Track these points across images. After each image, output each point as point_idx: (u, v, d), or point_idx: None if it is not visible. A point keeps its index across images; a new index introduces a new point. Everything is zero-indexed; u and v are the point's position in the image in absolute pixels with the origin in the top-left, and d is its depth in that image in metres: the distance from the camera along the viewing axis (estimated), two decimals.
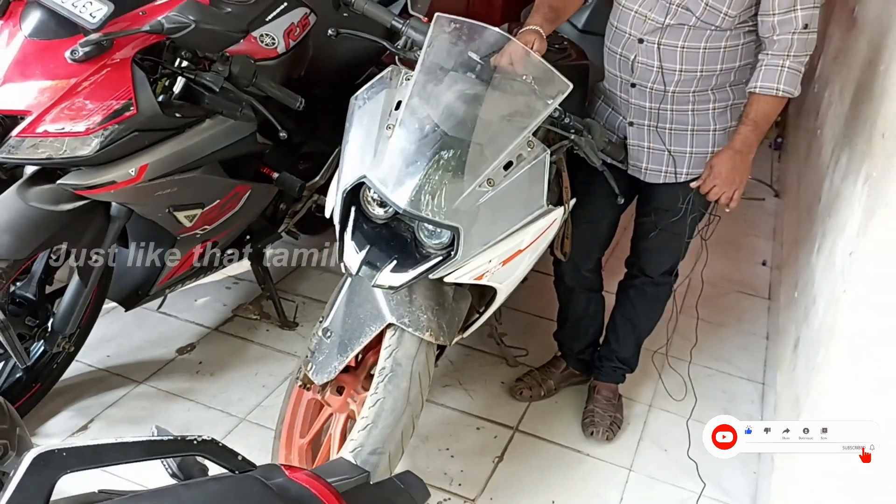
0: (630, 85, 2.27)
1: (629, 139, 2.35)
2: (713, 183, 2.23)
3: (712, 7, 2.11)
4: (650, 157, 2.35)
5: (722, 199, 2.26)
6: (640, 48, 2.20)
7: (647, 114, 2.29)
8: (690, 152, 2.32)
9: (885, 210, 1.81)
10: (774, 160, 5.12)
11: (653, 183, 2.40)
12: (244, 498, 0.91)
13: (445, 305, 2.05)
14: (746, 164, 2.23)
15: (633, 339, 2.72)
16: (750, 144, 2.21)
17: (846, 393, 1.77)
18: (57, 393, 2.51)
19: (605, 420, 2.66)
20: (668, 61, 2.19)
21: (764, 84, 2.13)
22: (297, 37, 2.50)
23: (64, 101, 1.90)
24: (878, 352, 1.58)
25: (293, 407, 2.28)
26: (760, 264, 3.94)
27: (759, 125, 2.19)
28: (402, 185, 1.82)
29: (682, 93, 2.24)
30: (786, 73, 2.12)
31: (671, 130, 2.30)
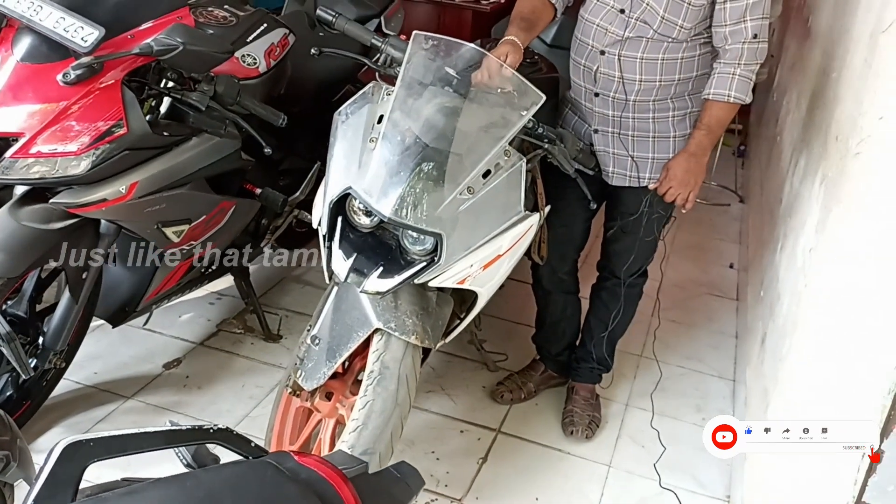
0: (594, 94, 2.39)
1: (595, 146, 2.46)
2: (669, 185, 2.36)
3: (668, 20, 2.24)
4: (615, 162, 2.46)
5: (678, 200, 2.38)
6: (601, 59, 2.32)
7: (610, 121, 2.40)
8: (652, 157, 2.43)
9: (840, 207, 1.93)
10: (738, 167, 5.28)
11: (619, 187, 2.51)
12: (259, 480, 0.98)
13: (429, 310, 2.13)
14: (701, 166, 2.36)
15: (607, 340, 2.82)
16: (704, 148, 2.34)
17: (810, 380, 1.88)
18: (47, 410, 2.55)
19: (584, 419, 2.75)
20: (629, 72, 2.30)
21: (717, 91, 2.27)
22: (278, 56, 2.58)
23: (56, 122, 1.97)
24: (837, 340, 1.69)
25: (282, 415, 2.33)
26: (728, 267, 4.07)
27: (712, 129, 2.32)
28: (387, 194, 1.91)
29: (642, 101, 2.35)
30: (737, 80, 2.26)
31: (633, 137, 2.41)
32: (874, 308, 1.39)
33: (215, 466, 1.01)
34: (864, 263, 1.57)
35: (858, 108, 1.94)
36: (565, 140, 2.21)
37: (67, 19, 1.96)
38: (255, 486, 0.98)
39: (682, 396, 3.02)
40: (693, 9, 2.22)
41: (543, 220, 2.36)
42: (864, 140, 1.80)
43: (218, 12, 2.48)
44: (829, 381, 1.66)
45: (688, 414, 2.92)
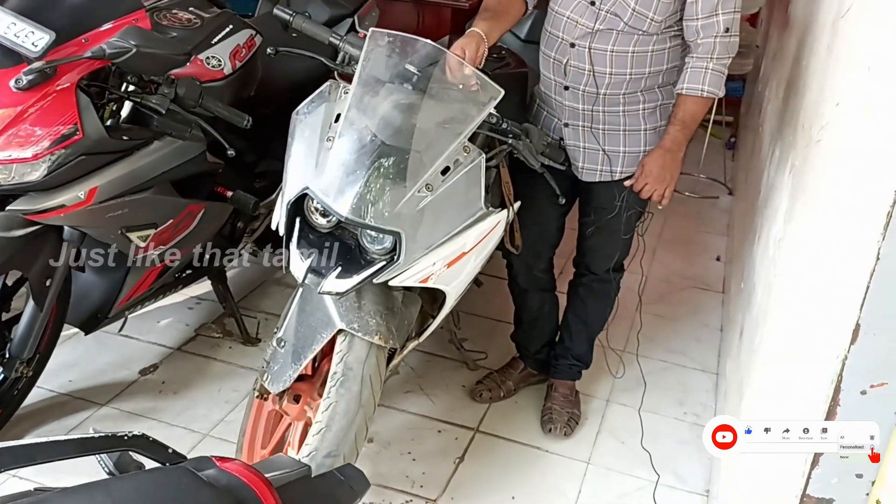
0: (563, 88, 2.37)
1: (565, 140, 2.43)
2: (645, 181, 2.34)
3: (639, 13, 2.21)
4: (585, 157, 2.44)
5: (654, 196, 2.36)
6: (572, 52, 2.30)
7: (580, 115, 2.38)
8: (624, 151, 2.41)
9: (804, 196, 1.90)
10: (728, 159, 5.24)
11: (590, 182, 2.48)
12: (173, 487, 0.96)
13: (395, 310, 2.11)
14: (676, 161, 2.34)
15: (585, 336, 2.80)
16: (679, 143, 2.32)
17: (777, 373, 1.85)
18: (19, 419, 2.53)
19: (563, 416, 2.72)
20: (599, 65, 2.29)
21: (690, 85, 2.26)
22: (244, 58, 2.56)
23: (10, 128, 1.95)
24: (797, 331, 1.66)
25: (254, 419, 2.31)
26: (715, 260, 4.04)
27: (686, 125, 2.30)
28: (344, 194, 1.89)
29: (612, 95, 2.33)
30: (710, 74, 2.24)
31: (604, 131, 2.39)
32: (822, 298, 1.37)
33: (130, 474, 0.99)
34: (819, 253, 1.54)
35: (821, 95, 1.92)
36: (531, 135, 2.19)
37: (18, 24, 1.94)
38: (167, 493, 0.96)
39: (665, 390, 3.00)
40: (664, 2, 2.20)
41: (514, 214, 2.34)
42: (823, 127, 1.78)
43: (182, 14, 2.47)
44: (793, 374, 1.64)
45: (670, 408, 2.90)
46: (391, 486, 2.44)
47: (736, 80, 5.55)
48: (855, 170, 1.32)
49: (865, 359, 1.11)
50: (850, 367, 1.12)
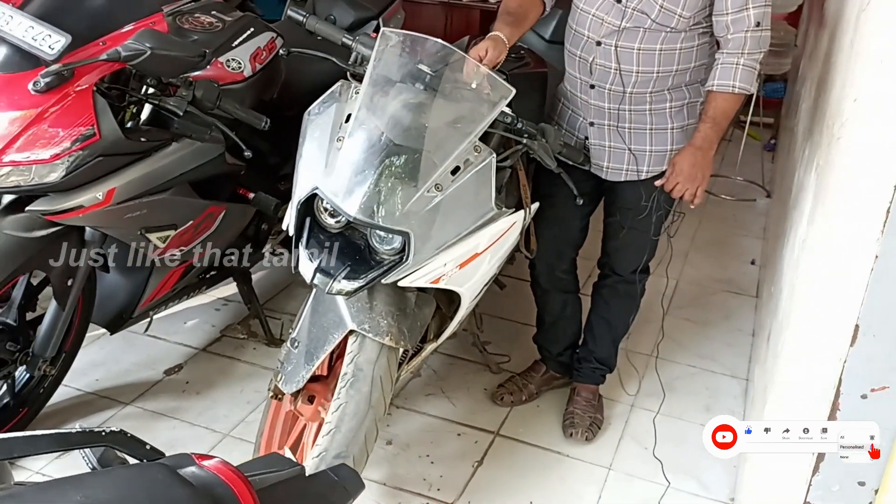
0: (589, 86, 2.34)
1: (590, 139, 2.40)
2: (676, 180, 2.28)
3: (667, 9, 2.17)
4: (611, 156, 2.40)
5: (686, 195, 2.30)
6: (598, 50, 2.26)
7: (606, 114, 2.35)
8: (650, 150, 2.37)
9: (826, 196, 1.84)
10: (768, 161, 5.13)
11: (616, 182, 2.44)
12: (148, 483, 0.95)
13: (407, 311, 2.10)
14: (708, 160, 2.29)
15: (609, 339, 2.75)
16: (710, 141, 2.26)
17: (797, 378, 1.79)
18: (45, 417, 2.57)
19: (585, 421, 2.68)
20: (626, 63, 2.25)
21: (720, 82, 2.21)
22: (264, 60, 2.57)
23: (28, 130, 1.98)
24: (811, 332, 1.61)
25: (271, 420, 2.32)
26: (750, 263, 3.95)
27: (717, 122, 2.25)
28: (352, 194, 1.88)
29: (639, 93, 2.29)
30: (741, 70, 2.19)
31: (630, 129, 2.36)
32: (827, 298, 1.32)
33: (105, 470, 0.99)
34: (831, 253, 1.49)
35: (842, 91, 1.86)
36: (547, 135, 2.16)
37: (36, 28, 1.97)
38: (141, 489, 0.95)
39: (692, 396, 2.94)
40: None
41: (531, 216, 2.32)
42: (843, 124, 1.72)
43: (204, 18, 2.48)
44: (804, 377, 1.59)
45: (696, 414, 2.83)
46: (408, 489, 2.43)
47: (777, 81, 5.45)
48: (860, 166, 1.27)
49: (865, 361, 1.06)
50: (849, 369, 1.07)
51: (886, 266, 1.00)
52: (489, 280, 2.35)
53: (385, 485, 2.44)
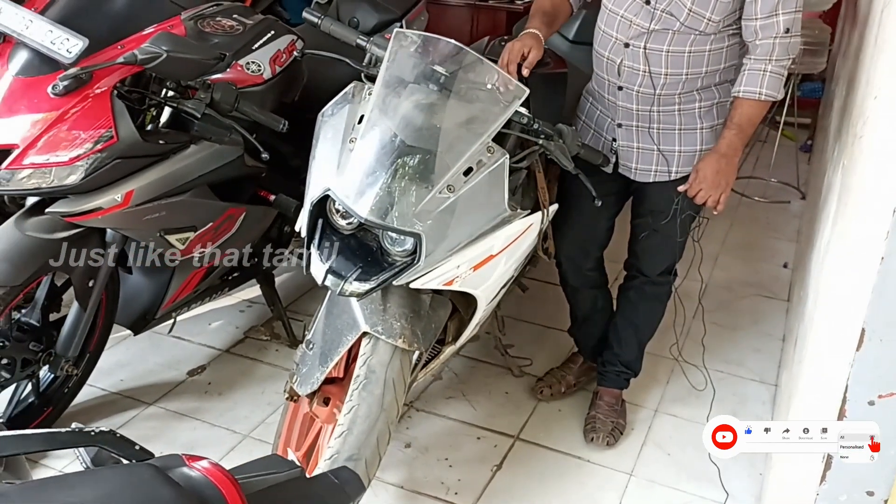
0: (617, 88, 2.31)
1: (618, 140, 2.39)
2: (699, 186, 2.26)
3: (696, 13, 2.14)
4: (639, 157, 2.38)
5: (709, 202, 2.27)
6: (626, 52, 2.24)
7: (634, 115, 2.33)
8: (679, 151, 2.35)
9: (848, 196, 1.79)
10: (804, 162, 5.03)
11: (644, 183, 2.42)
12: (134, 484, 0.95)
13: (421, 313, 2.08)
14: (732, 166, 2.26)
15: (635, 342, 2.72)
16: (734, 148, 2.23)
17: (814, 382, 1.75)
18: (69, 416, 2.60)
19: (607, 426, 2.65)
20: (655, 65, 2.23)
21: (747, 89, 2.18)
22: (284, 63, 2.58)
23: (48, 133, 2.01)
24: (828, 336, 1.56)
25: (289, 421, 2.32)
26: (782, 266, 3.88)
27: (743, 129, 2.22)
28: (364, 195, 1.87)
29: (668, 95, 2.27)
30: (768, 77, 2.15)
31: (659, 130, 2.34)
32: (840, 301, 1.28)
33: (92, 470, 0.99)
34: (849, 254, 1.45)
35: (866, 89, 1.81)
36: (564, 136, 2.13)
37: (55, 32, 2.00)
38: (127, 489, 0.95)
39: (718, 402, 2.87)
40: (722, 2, 2.12)
41: (549, 218, 2.29)
42: (865, 122, 1.67)
43: (225, 21, 2.50)
44: (822, 383, 1.54)
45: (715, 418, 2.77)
46: (425, 492, 2.41)
47: (815, 81, 5.35)
48: (874, 165, 1.23)
49: (872, 367, 1.02)
50: (855, 375, 1.04)
51: (892, 268, 0.96)
52: (507, 282, 2.33)
53: (402, 488, 2.43)
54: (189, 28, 2.31)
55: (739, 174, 4.71)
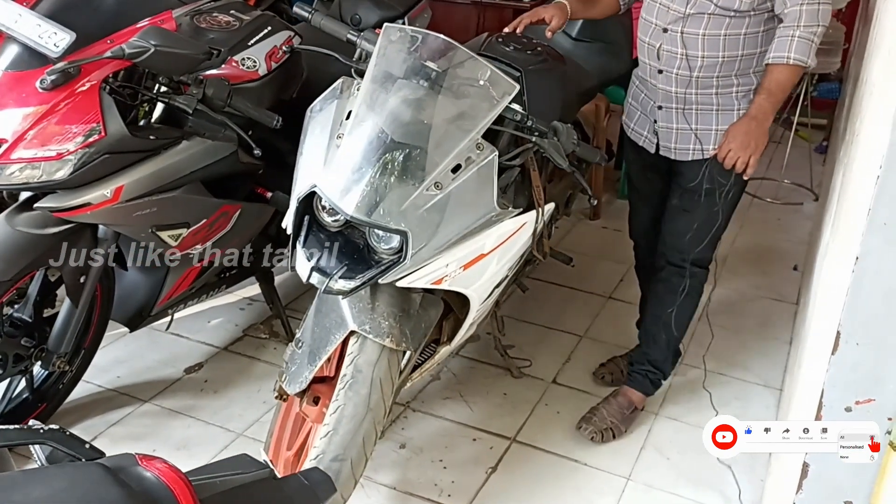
0: (657, 71, 2.40)
1: (658, 122, 2.46)
2: (728, 147, 2.26)
3: None
4: (678, 138, 2.45)
5: (738, 163, 2.27)
6: (664, 37, 2.33)
7: (673, 98, 2.40)
8: (716, 129, 2.38)
9: (845, 196, 1.75)
10: (817, 164, 4.95)
11: (681, 162, 2.46)
12: (82, 483, 0.93)
13: (411, 312, 2.06)
14: (762, 129, 2.26)
15: (664, 339, 2.68)
16: (765, 112, 2.25)
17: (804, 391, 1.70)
18: (64, 413, 2.60)
19: (604, 423, 2.62)
20: (692, 48, 2.30)
21: (776, 54, 2.20)
22: (280, 59, 2.56)
23: (36, 127, 2.00)
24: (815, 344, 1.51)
25: (282, 420, 2.30)
26: (792, 269, 3.81)
27: (772, 93, 2.24)
28: (350, 192, 1.85)
29: (706, 77, 2.33)
30: (796, 41, 2.16)
31: (697, 111, 2.39)
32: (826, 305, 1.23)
33: (39, 468, 0.97)
34: (838, 257, 1.40)
35: (864, 86, 1.76)
36: (559, 133, 2.09)
37: (43, 26, 2.00)
38: (74, 489, 0.93)
39: (721, 406, 2.83)
40: None
41: (544, 217, 2.26)
42: (861, 121, 1.63)
43: (222, 17, 2.48)
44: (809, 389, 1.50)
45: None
46: (417, 494, 2.38)
47: (832, 81, 5.26)
48: (858, 163, 1.18)
49: (849, 371, 0.98)
50: (830, 380, 0.99)
51: (867, 268, 0.92)
52: (502, 282, 2.29)
53: (395, 489, 2.40)
54: (183, 23, 2.30)
55: (752, 175, 4.71)
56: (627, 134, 2.61)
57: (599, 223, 4.18)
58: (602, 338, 3.17)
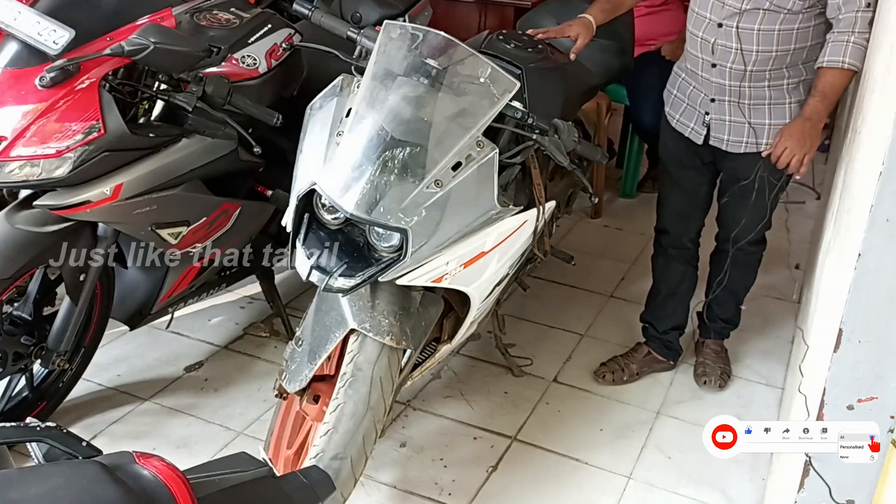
0: (711, 65, 2.44)
1: (711, 114, 2.51)
2: (784, 146, 2.32)
3: None
4: (731, 130, 2.50)
5: (793, 162, 2.33)
6: (719, 32, 2.38)
7: (727, 91, 2.45)
8: (769, 124, 2.45)
9: (847, 194, 1.74)
10: (819, 163, 4.93)
11: (734, 155, 2.53)
12: (79, 482, 0.92)
13: (411, 311, 2.05)
14: (816, 131, 2.34)
15: (732, 302, 2.87)
16: (819, 113, 2.33)
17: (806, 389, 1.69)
18: (64, 411, 2.59)
19: (716, 371, 2.85)
20: (747, 43, 2.35)
21: (831, 58, 2.26)
22: (280, 56, 2.55)
23: (35, 125, 2.00)
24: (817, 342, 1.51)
25: (282, 419, 2.29)
26: (794, 268, 3.79)
27: (826, 96, 2.31)
28: (350, 189, 1.84)
29: (759, 71, 2.39)
30: (851, 47, 2.22)
31: (750, 105, 2.45)
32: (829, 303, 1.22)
33: (36, 466, 0.96)
34: (841, 255, 1.39)
35: (866, 83, 1.75)
36: (560, 131, 2.09)
37: (42, 23, 1.99)
38: (71, 487, 0.92)
39: (722, 405, 2.82)
40: None
41: (545, 216, 2.25)
42: (863, 118, 1.62)
43: (222, 15, 2.47)
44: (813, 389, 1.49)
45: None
46: (417, 493, 2.38)
47: None
48: (861, 160, 1.17)
49: (851, 369, 0.97)
50: (833, 378, 0.98)
51: (869, 265, 0.91)
52: (503, 280, 2.29)
53: (395, 488, 2.40)
54: (183, 21, 2.29)
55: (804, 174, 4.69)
56: (672, 125, 2.65)
57: (601, 222, 4.16)
58: (603, 336, 3.16)
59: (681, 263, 2.85)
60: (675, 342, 2.94)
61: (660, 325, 2.91)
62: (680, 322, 2.92)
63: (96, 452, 1.01)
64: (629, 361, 2.91)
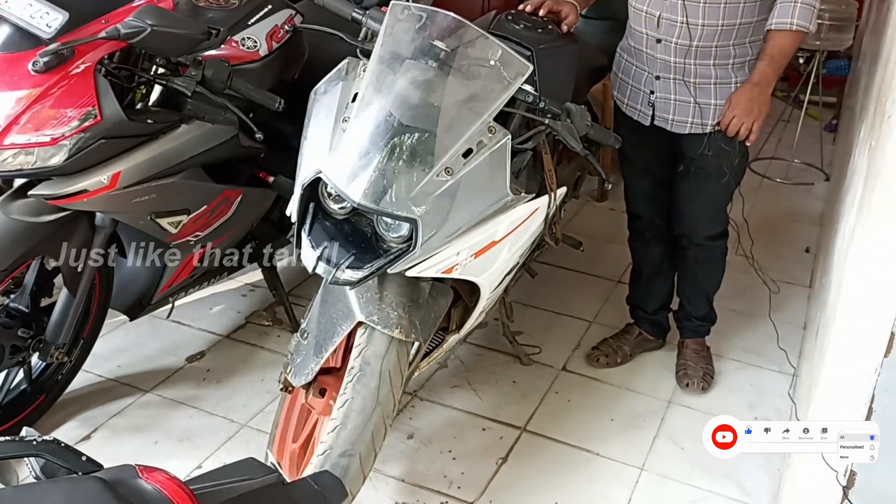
0: (656, 41, 2.37)
1: (656, 92, 2.43)
2: (732, 114, 2.28)
3: None
4: (676, 109, 2.43)
5: (741, 130, 2.28)
6: (664, 5, 2.31)
7: (672, 68, 2.38)
8: (715, 104, 2.38)
9: (876, 180, 1.67)
10: (828, 143, 4.86)
11: (682, 136, 2.45)
12: (78, 499, 0.87)
13: (420, 302, 1.99)
14: (765, 96, 2.28)
15: (703, 298, 2.79)
16: (767, 78, 2.28)
17: (838, 379, 1.63)
18: (64, 403, 2.54)
19: (698, 372, 2.74)
20: (692, 16, 2.28)
21: (779, 20, 2.23)
22: (281, 39, 2.47)
23: (28, 111, 1.92)
24: (854, 334, 1.44)
25: (287, 412, 2.24)
26: (804, 251, 3.73)
27: (775, 59, 2.27)
28: (357, 178, 1.77)
29: (704, 47, 2.32)
30: (799, 7, 2.20)
31: (696, 84, 2.38)
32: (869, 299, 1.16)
33: (32, 483, 0.90)
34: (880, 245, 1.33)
35: (890, 64, 1.68)
36: (572, 115, 2.01)
37: (35, 5, 1.91)
38: None
39: (736, 393, 2.77)
40: None
41: (557, 202, 2.19)
42: (894, 101, 1.55)
43: None
44: (847, 383, 1.43)
45: (739, 412, 2.65)
46: (427, 486, 2.32)
47: (841, 59, 5.17)
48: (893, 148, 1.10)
49: None
50: (882, 383, 0.92)
51: None
52: (513, 269, 2.23)
53: (403, 481, 2.35)
54: (181, 2, 2.21)
55: (761, 155, 4.63)
56: (622, 110, 2.58)
57: (606, 205, 4.09)
58: (611, 323, 3.10)
59: (659, 243, 2.78)
60: (665, 321, 2.91)
61: (648, 307, 2.88)
62: (667, 300, 2.88)
63: (96, 467, 0.95)
64: (621, 343, 2.88)
